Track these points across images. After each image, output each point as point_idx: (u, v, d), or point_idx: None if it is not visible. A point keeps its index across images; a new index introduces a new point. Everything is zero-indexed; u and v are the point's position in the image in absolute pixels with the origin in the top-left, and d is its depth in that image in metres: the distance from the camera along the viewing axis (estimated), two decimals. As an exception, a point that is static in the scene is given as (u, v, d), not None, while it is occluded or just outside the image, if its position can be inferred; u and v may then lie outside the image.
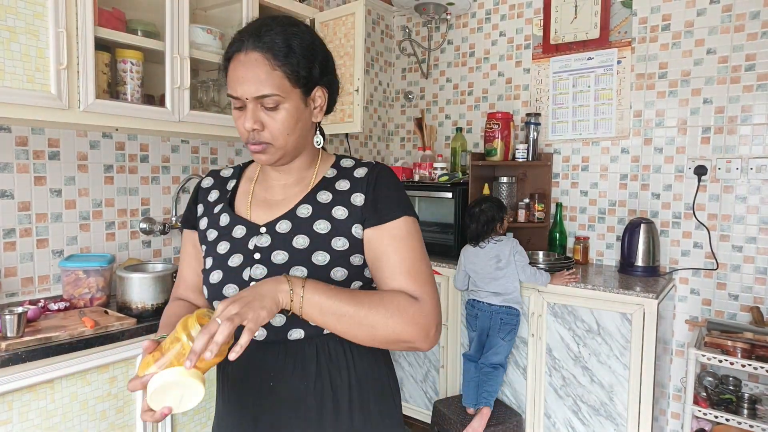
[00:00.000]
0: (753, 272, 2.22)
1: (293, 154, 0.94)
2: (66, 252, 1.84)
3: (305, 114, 0.91)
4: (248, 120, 0.86)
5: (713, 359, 1.94)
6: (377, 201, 0.92)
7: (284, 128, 0.88)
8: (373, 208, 0.91)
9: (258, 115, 0.87)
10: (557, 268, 2.32)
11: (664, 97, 2.41)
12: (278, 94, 0.86)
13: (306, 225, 0.91)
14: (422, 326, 0.84)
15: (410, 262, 0.89)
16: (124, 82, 1.74)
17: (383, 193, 0.92)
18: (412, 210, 0.94)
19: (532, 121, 2.59)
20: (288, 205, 0.94)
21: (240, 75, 0.86)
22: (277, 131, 0.88)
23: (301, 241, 0.90)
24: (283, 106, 0.87)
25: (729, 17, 2.24)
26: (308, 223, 0.91)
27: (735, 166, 2.24)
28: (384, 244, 0.90)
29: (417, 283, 0.87)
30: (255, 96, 0.85)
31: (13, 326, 1.32)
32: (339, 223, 0.91)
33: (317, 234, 0.90)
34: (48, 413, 1.38)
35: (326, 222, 0.91)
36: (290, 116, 0.88)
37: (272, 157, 0.90)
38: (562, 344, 2.20)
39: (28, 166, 1.74)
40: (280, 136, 0.88)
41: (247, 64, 0.85)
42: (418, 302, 0.85)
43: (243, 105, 0.87)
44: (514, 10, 2.82)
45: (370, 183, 0.93)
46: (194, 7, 2.05)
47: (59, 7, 1.47)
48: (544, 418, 2.27)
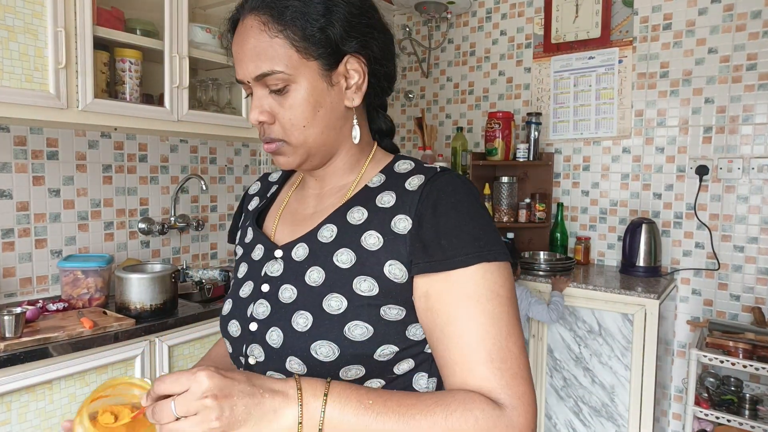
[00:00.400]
0: (754, 272, 2.21)
1: (323, 154, 0.69)
2: (64, 252, 1.84)
3: (330, 96, 0.65)
4: (253, 110, 0.65)
5: (715, 360, 1.93)
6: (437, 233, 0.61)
7: (297, 118, 0.64)
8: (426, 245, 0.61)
9: (266, 102, 0.65)
10: (558, 268, 2.32)
11: (666, 97, 2.40)
12: (282, 71, 0.62)
13: (325, 254, 0.66)
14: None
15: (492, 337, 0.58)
16: (123, 82, 1.74)
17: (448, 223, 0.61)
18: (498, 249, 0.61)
19: (533, 121, 2.58)
20: (313, 223, 0.70)
21: (237, 51, 0.66)
22: (289, 122, 0.64)
23: (315, 276, 0.65)
24: (293, 86, 0.63)
25: (730, 16, 2.23)
26: (328, 251, 0.66)
27: (737, 166, 2.23)
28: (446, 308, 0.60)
29: (504, 379, 0.57)
30: (254, 76, 0.64)
31: (12, 327, 1.31)
32: (368, 255, 0.63)
33: (336, 268, 0.64)
34: (46, 414, 1.37)
35: (350, 253, 0.64)
36: (305, 100, 0.64)
37: (292, 160, 0.68)
38: (563, 345, 2.19)
39: (26, 165, 1.73)
40: (293, 129, 0.65)
41: (243, 34, 0.64)
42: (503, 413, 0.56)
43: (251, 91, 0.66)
44: (514, 9, 2.81)
45: (426, 202, 0.63)
46: (193, 6, 2.04)
47: (58, 7, 1.46)
48: (546, 419, 2.26)
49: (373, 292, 0.62)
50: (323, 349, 0.61)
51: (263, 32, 0.63)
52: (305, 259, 0.67)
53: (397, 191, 0.66)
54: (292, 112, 0.64)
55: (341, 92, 0.67)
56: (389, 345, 0.62)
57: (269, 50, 0.62)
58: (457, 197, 0.63)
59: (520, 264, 2.33)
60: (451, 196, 0.63)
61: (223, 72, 2.16)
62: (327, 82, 0.65)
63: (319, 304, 0.63)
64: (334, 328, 0.62)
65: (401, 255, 0.62)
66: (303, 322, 0.63)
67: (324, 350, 0.61)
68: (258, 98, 0.65)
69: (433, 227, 0.61)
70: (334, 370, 0.61)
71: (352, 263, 0.64)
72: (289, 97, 0.64)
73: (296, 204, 0.77)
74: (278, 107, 0.64)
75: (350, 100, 0.67)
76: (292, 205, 0.77)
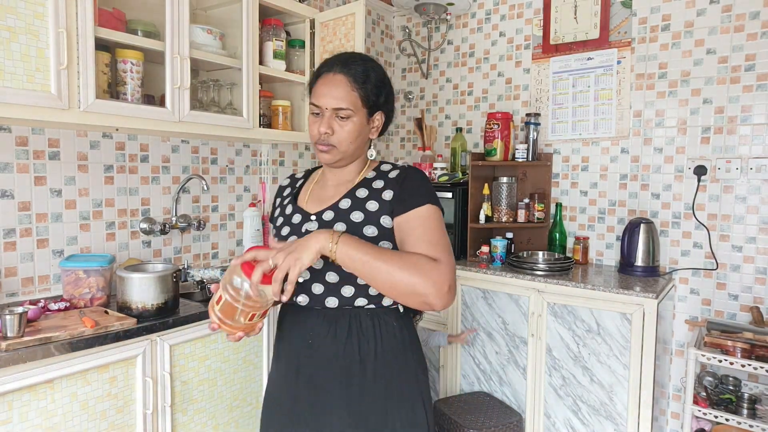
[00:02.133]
0: (753, 272, 2.22)
1: (349, 160, 1.16)
2: (66, 252, 1.84)
3: (365, 130, 1.15)
4: (323, 125, 1.09)
5: (713, 359, 1.94)
6: (404, 193, 1.10)
7: (349, 137, 1.11)
8: (400, 200, 1.09)
9: (331, 122, 1.10)
10: (557, 268, 2.33)
11: (664, 97, 2.41)
12: (351, 109, 1.10)
13: (345, 215, 1.11)
14: (437, 282, 0.98)
15: (431, 234, 1.05)
16: (124, 82, 1.75)
17: (409, 187, 1.10)
18: (437, 200, 1.11)
19: (532, 121, 2.59)
20: (334, 199, 1.15)
21: (326, 90, 1.10)
22: (344, 138, 1.11)
23: (340, 227, 1.09)
24: (353, 119, 1.10)
25: (729, 17, 2.25)
26: (347, 213, 1.11)
27: (735, 166, 2.24)
28: (409, 226, 1.07)
29: (436, 250, 1.03)
30: (334, 107, 1.09)
31: (14, 326, 1.32)
32: (371, 214, 1.09)
33: (353, 222, 1.09)
34: (48, 413, 1.38)
35: (360, 213, 1.10)
36: (356, 128, 1.11)
37: (333, 158, 1.13)
38: (562, 344, 2.20)
39: (28, 166, 1.74)
40: (345, 141, 1.11)
41: (333, 82, 1.10)
42: (434, 262, 1.00)
43: (320, 113, 1.10)
44: (513, 11, 2.83)
45: (399, 180, 1.12)
46: (194, 7, 2.05)
47: (59, 7, 1.47)
48: (544, 418, 2.27)
49: (374, 234, 1.08)
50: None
51: (347, 86, 1.10)
52: (332, 219, 1.12)
53: (384, 179, 1.15)
54: (348, 133, 1.11)
55: (370, 129, 1.17)
56: None
57: (348, 97, 1.10)
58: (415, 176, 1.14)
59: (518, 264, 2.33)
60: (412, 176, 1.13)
61: (224, 73, 2.17)
62: (366, 122, 1.15)
63: None
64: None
65: (388, 210, 1.10)
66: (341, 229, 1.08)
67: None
68: (327, 119, 1.10)
69: (402, 192, 1.10)
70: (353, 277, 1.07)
71: (362, 219, 1.10)
72: (348, 124, 1.11)
73: (319, 190, 1.21)
74: (339, 128, 1.11)
75: (373, 134, 1.19)
76: (316, 191, 1.22)
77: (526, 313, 2.29)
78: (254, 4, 2.06)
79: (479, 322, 2.44)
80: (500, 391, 2.39)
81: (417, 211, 1.07)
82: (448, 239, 1.08)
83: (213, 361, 1.79)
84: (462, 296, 2.48)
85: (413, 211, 1.07)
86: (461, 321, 2.49)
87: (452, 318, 2.51)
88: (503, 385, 2.38)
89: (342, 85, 1.10)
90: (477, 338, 2.45)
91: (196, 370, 1.74)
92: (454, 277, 1.03)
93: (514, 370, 2.35)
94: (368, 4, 3.07)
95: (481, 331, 2.44)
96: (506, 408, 2.31)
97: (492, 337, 2.40)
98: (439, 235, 1.07)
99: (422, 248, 1.04)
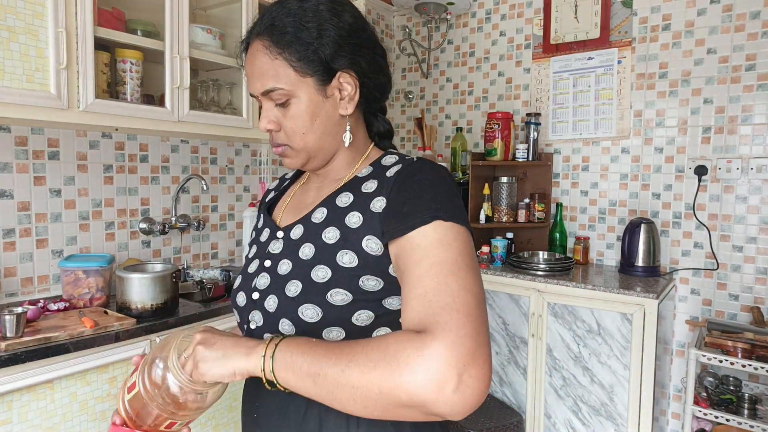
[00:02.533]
0: (753, 272, 2.22)
1: (323, 156, 0.80)
2: (65, 252, 1.84)
3: (326, 107, 0.76)
4: (263, 119, 0.77)
5: (713, 359, 1.94)
6: (400, 204, 0.69)
7: (298, 127, 0.75)
8: (395, 214, 0.69)
9: (272, 113, 0.76)
10: (557, 268, 2.32)
11: (665, 97, 2.41)
12: (282, 87, 0.73)
13: (316, 232, 0.76)
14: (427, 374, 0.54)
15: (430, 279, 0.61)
16: (124, 82, 1.74)
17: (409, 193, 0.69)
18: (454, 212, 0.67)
19: (533, 121, 2.59)
20: (310, 208, 0.81)
21: (248, 70, 0.77)
22: (291, 131, 0.76)
23: (307, 251, 0.75)
24: (294, 100, 0.74)
25: (729, 17, 2.24)
26: (318, 230, 0.75)
27: (735, 166, 2.24)
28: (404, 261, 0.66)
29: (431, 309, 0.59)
30: (261, 92, 0.75)
31: (13, 326, 1.32)
32: (350, 232, 0.72)
33: (324, 244, 0.74)
34: (47, 413, 1.37)
35: (336, 230, 0.73)
36: (303, 112, 0.75)
37: (296, 161, 0.80)
38: (563, 344, 2.20)
39: (27, 166, 1.74)
40: (294, 135, 0.76)
41: (251, 56, 0.76)
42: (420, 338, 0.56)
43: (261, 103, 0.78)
44: (514, 10, 2.82)
45: (396, 182, 0.71)
46: (194, 7, 2.05)
47: (59, 7, 1.46)
48: (545, 419, 2.27)
49: (353, 264, 0.71)
50: (309, 312, 0.71)
51: (266, 55, 0.74)
52: (300, 237, 0.78)
53: (379, 179, 0.76)
54: (294, 122, 0.76)
55: (336, 103, 0.77)
56: (366, 311, 0.70)
57: (271, 70, 0.74)
58: (423, 174, 0.71)
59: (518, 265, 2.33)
60: (417, 174, 0.72)
61: (223, 72, 2.17)
62: (322, 95, 0.75)
63: (308, 274, 0.73)
64: (318, 294, 0.71)
65: (376, 230, 0.70)
66: (294, 289, 0.73)
67: (309, 313, 0.71)
68: (266, 110, 0.77)
69: (399, 200, 0.70)
70: (318, 331, 0.70)
71: (337, 239, 0.73)
72: (290, 109, 0.75)
73: (300, 195, 0.89)
74: (282, 117, 0.76)
75: (344, 109, 0.78)
76: (296, 196, 0.89)
77: (526, 314, 2.28)
78: (254, 4, 2.06)
79: (479, 323, 2.43)
80: (500, 391, 2.39)
81: (417, 234, 0.65)
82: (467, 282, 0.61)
83: (213, 361, 1.79)
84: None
85: (411, 234, 0.66)
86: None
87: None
88: (503, 385, 2.38)
89: (259, 57, 0.74)
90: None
91: (195, 370, 1.73)
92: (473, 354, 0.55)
93: (514, 371, 2.34)
94: (368, 3, 3.07)
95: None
96: (506, 408, 2.31)
97: (492, 338, 2.40)
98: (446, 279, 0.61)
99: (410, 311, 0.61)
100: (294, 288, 0.73)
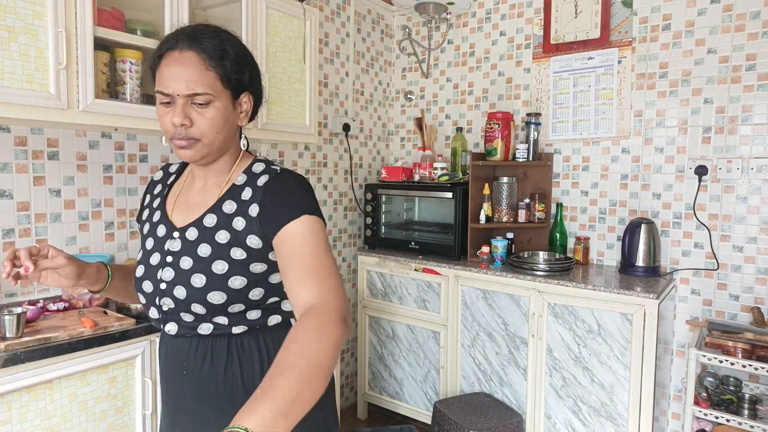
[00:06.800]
0: (754, 272, 2.22)
1: (217, 154, 0.98)
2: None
3: (233, 116, 0.96)
4: (177, 115, 0.89)
5: (714, 360, 1.94)
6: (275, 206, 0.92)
7: (213, 126, 0.92)
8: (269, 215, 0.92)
9: (187, 111, 0.90)
10: (558, 268, 2.32)
11: (665, 97, 2.41)
12: (210, 93, 0.90)
13: (210, 234, 0.95)
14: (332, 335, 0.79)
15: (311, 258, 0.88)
16: (124, 82, 1.74)
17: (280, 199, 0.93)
18: (316, 210, 0.94)
19: (533, 121, 2.59)
20: (199, 212, 0.98)
21: (174, 72, 0.89)
22: (207, 128, 0.91)
23: (204, 249, 0.94)
24: (214, 104, 0.91)
25: (729, 17, 2.24)
26: (212, 232, 0.95)
27: (736, 166, 2.23)
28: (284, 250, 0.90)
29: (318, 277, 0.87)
30: (186, 93, 0.89)
31: (12, 327, 1.31)
32: (237, 234, 0.94)
33: (218, 244, 0.94)
34: (47, 414, 1.37)
35: (226, 233, 0.94)
36: (220, 115, 0.92)
37: (197, 154, 0.94)
38: (563, 345, 2.20)
39: (27, 166, 1.73)
40: (209, 132, 0.92)
41: (182, 61, 0.89)
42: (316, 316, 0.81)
43: (171, 101, 0.90)
44: (514, 10, 2.82)
45: (266, 192, 0.94)
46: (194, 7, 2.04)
47: (58, 7, 1.46)
48: (545, 419, 2.26)
49: (242, 256, 0.93)
50: (216, 297, 0.92)
51: (201, 64, 0.90)
52: (196, 238, 0.96)
53: (252, 187, 0.96)
54: (211, 122, 0.92)
55: (237, 116, 0.98)
56: (258, 288, 0.95)
57: (203, 78, 0.90)
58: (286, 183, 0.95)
59: (518, 265, 2.33)
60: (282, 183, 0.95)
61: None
62: (233, 106, 0.96)
63: (209, 267, 0.92)
64: (221, 282, 0.92)
65: (255, 230, 0.93)
66: (199, 281, 0.92)
67: (216, 297, 0.92)
68: (182, 107, 0.90)
69: (272, 204, 0.93)
70: (225, 308, 0.92)
71: (228, 239, 0.94)
72: (209, 111, 0.91)
73: (187, 193, 1.04)
74: (198, 116, 0.91)
75: (241, 120, 1.00)
76: (184, 194, 1.04)
77: (526, 314, 2.28)
78: (254, 4, 2.05)
79: (479, 323, 2.43)
80: (500, 391, 2.39)
81: (291, 226, 0.90)
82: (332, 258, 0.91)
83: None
84: (462, 296, 2.48)
85: (287, 227, 0.90)
86: (461, 321, 2.48)
87: (453, 319, 2.51)
88: (503, 385, 2.38)
89: (194, 65, 0.89)
90: (477, 339, 2.44)
91: (195, 370, 1.73)
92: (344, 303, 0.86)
93: (514, 371, 2.34)
94: (368, 3, 3.07)
95: (482, 332, 2.43)
96: (507, 409, 2.30)
97: (492, 338, 2.40)
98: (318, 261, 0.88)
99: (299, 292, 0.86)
100: (199, 280, 0.92)
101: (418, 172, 2.85)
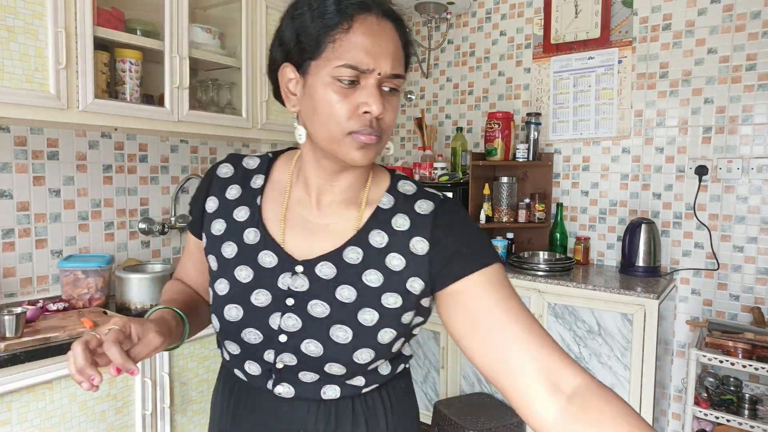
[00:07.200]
0: (754, 272, 2.22)
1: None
2: (65, 252, 1.84)
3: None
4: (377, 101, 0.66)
5: (714, 360, 1.93)
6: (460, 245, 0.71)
7: (393, 120, 0.70)
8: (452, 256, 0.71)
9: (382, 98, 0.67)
10: (558, 268, 2.32)
11: (665, 97, 2.40)
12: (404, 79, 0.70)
13: (354, 274, 0.72)
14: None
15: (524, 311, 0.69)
16: (123, 82, 1.74)
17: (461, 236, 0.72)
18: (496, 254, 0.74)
19: (533, 121, 2.59)
20: (333, 242, 0.74)
21: (380, 44, 0.66)
22: (392, 122, 0.70)
23: (346, 293, 0.72)
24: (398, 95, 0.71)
25: (730, 17, 2.24)
26: (357, 272, 0.72)
27: (736, 166, 2.23)
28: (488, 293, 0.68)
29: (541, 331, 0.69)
30: (391, 73, 0.67)
31: (12, 327, 1.31)
32: (393, 275, 0.72)
33: (366, 287, 0.72)
34: (47, 414, 1.37)
35: (378, 273, 0.72)
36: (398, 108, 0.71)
37: (375, 155, 0.71)
38: (563, 345, 2.19)
39: (26, 166, 1.73)
40: (390, 128, 0.71)
41: (385, 33, 0.67)
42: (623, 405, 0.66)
43: (357, 81, 0.66)
44: (514, 10, 2.82)
45: (440, 226, 0.72)
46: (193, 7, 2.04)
47: (58, 7, 1.46)
48: (545, 419, 2.26)
49: (397, 304, 0.72)
50: (363, 355, 0.71)
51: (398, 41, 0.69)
52: (334, 278, 0.72)
53: (409, 214, 0.74)
54: (393, 114, 0.70)
55: None
56: (402, 339, 0.76)
57: (401, 58, 0.70)
58: (464, 219, 0.75)
59: (518, 265, 2.32)
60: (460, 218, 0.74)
61: (223, 72, 2.17)
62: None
63: (354, 318, 0.71)
64: (370, 337, 0.71)
65: (421, 272, 0.72)
66: (343, 335, 0.71)
67: (364, 356, 0.72)
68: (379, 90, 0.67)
69: (454, 243, 0.71)
70: (368, 367, 0.73)
71: (381, 282, 0.72)
72: (393, 102, 0.70)
73: (302, 209, 0.77)
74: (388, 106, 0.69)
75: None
76: (296, 209, 0.77)
77: (526, 314, 2.28)
78: (254, 4, 2.05)
79: (479, 323, 2.43)
80: (500, 391, 2.38)
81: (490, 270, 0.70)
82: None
83: (212, 362, 1.79)
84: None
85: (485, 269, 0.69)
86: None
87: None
88: (504, 385, 2.37)
89: (393, 40, 0.68)
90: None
91: (195, 371, 1.73)
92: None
93: (514, 371, 2.34)
94: (368, 3, 3.06)
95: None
96: (507, 409, 2.30)
97: (492, 338, 2.39)
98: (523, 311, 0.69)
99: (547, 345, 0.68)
100: (343, 334, 0.71)
101: (418, 172, 2.85)
